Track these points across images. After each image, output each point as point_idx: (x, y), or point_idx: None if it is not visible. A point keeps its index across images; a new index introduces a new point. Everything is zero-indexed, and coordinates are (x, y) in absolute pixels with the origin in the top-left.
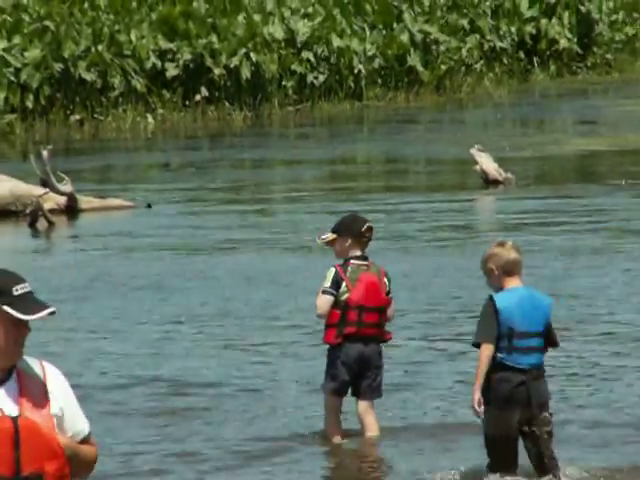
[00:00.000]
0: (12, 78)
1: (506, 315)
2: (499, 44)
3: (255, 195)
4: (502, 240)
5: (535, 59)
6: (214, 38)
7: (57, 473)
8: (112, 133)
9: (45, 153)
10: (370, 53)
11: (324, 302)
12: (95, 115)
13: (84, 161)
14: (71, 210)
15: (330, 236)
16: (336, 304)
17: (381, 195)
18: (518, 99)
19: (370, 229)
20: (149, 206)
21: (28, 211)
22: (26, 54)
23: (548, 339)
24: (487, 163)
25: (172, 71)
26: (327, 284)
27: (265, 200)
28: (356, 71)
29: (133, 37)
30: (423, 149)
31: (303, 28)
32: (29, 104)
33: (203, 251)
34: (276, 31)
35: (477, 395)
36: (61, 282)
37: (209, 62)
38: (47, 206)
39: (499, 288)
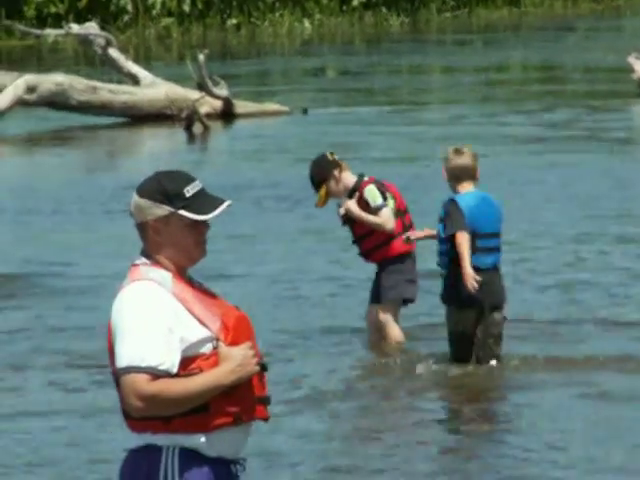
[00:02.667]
0: None
1: (469, 216)
2: None
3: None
4: (458, 147)
5: None
6: None
7: None
8: (269, 38)
9: (201, 57)
10: None
11: (389, 215)
12: (252, 19)
13: (240, 65)
14: (227, 114)
15: (322, 192)
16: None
17: (536, 102)
18: None
19: (332, 153)
20: (305, 111)
21: (184, 115)
22: None
23: None
24: None
25: None
26: (379, 200)
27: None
28: None
29: None
30: (580, 56)
31: None
32: (186, 8)
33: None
34: None
35: (470, 278)
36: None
37: None
38: (203, 110)
39: (454, 191)
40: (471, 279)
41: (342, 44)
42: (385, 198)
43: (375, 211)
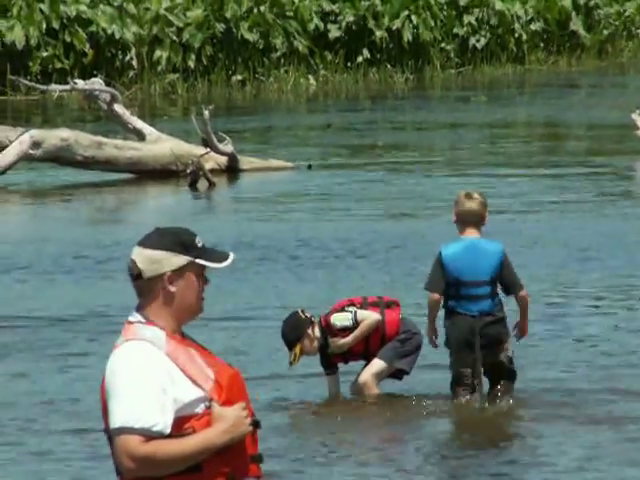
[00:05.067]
0: (174, 38)
1: (451, 266)
2: None
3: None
4: (470, 191)
5: None
6: (377, 0)
7: None
8: (274, 94)
9: (207, 113)
10: (531, 17)
11: (364, 312)
12: (257, 76)
13: (245, 121)
14: (232, 170)
15: (297, 350)
16: None
17: (541, 158)
18: None
19: (304, 310)
20: (310, 167)
21: (189, 171)
22: (188, 14)
23: (504, 286)
24: None
25: (334, 32)
26: (348, 314)
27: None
28: (517, 35)
29: None
30: (584, 113)
31: None
32: (191, 64)
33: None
34: None
35: (429, 335)
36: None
37: (371, 24)
38: (208, 166)
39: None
40: (430, 341)
41: (347, 100)
42: (345, 310)
43: (354, 325)
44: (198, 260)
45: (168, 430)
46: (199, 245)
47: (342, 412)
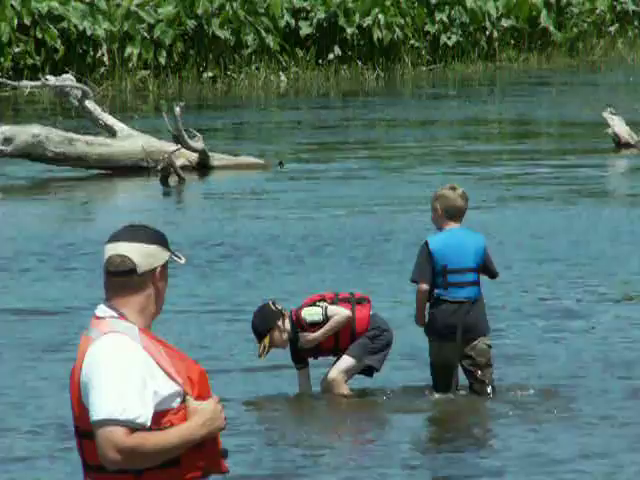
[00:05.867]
0: (145, 34)
1: (439, 255)
2: (632, 7)
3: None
4: (454, 185)
5: None
6: None
7: None
8: (244, 91)
9: (177, 109)
10: (502, 14)
11: (334, 307)
12: (228, 72)
13: (216, 118)
14: (203, 167)
15: (266, 342)
16: None
17: (512, 156)
18: None
19: (275, 302)
20: (281, 164)
21: (160, 167)
22: (160, 10)
23: (486, 272)
24: (619, 126)
25: (305, 29)
26: (318, 309)
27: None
28: (488, 33)
29: None
30: (555, 111)
31: None
32: (162, 60)
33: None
34: None
35: (420, 325)
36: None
37: (342, 21)
38: (179, 162)
39: (439, 227)
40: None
41: (318, 97)
42: (317, 304)
43: (324, 320)
44: (174, 255)
45: (149, 423)
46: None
47: (311, 408)
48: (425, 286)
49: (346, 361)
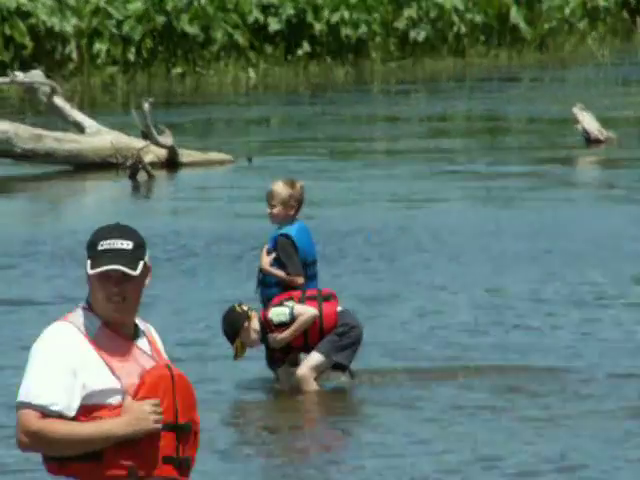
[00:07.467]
0: (114, 30)
1: (301, 248)
2: (602, 3)
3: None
4: (292, 179)
5: (638, 19)
6: None
7: (199, 426)
8: (213, 87)
9: (146, 106)
10: (471, 10)
11: (301, 306)
12: (197, 69)
13: (185, 114)
14: (172, 163)
15: (238, 344)
16: None
17: (481, 153)
18: (621, 59)
19: (240, 304)
20: (250, 160)
21: (128, 164)
22: (129, 6)
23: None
24: (589, 122)
25: (274, 25)
26: (285, 309)
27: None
28: (457, 28)
29: None
30: (524, 107)
31: None
32: (131, 57)
33: None
34: None
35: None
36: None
37: (311, 17)
38: (147, 159)
39: (289, 222)
40: None
41: (287, 93)
42: (283, 304)
43: (291, 320)
44: (87, 261)
45: (72, 413)
46: (100, 248)
47: (285, 405)
48: (302, 279)
49: (314, 358)
